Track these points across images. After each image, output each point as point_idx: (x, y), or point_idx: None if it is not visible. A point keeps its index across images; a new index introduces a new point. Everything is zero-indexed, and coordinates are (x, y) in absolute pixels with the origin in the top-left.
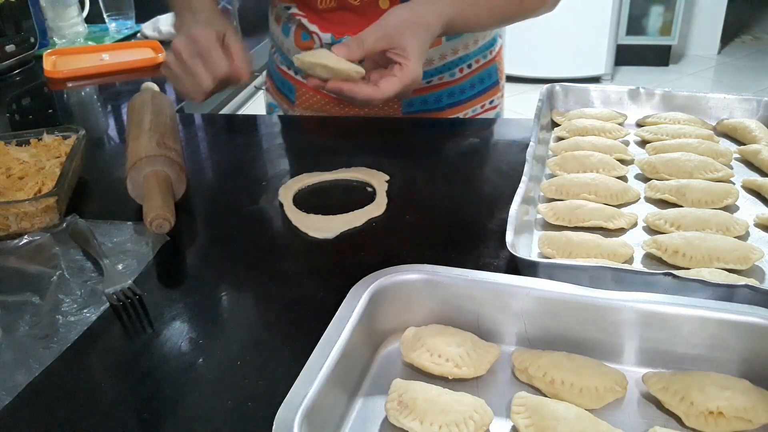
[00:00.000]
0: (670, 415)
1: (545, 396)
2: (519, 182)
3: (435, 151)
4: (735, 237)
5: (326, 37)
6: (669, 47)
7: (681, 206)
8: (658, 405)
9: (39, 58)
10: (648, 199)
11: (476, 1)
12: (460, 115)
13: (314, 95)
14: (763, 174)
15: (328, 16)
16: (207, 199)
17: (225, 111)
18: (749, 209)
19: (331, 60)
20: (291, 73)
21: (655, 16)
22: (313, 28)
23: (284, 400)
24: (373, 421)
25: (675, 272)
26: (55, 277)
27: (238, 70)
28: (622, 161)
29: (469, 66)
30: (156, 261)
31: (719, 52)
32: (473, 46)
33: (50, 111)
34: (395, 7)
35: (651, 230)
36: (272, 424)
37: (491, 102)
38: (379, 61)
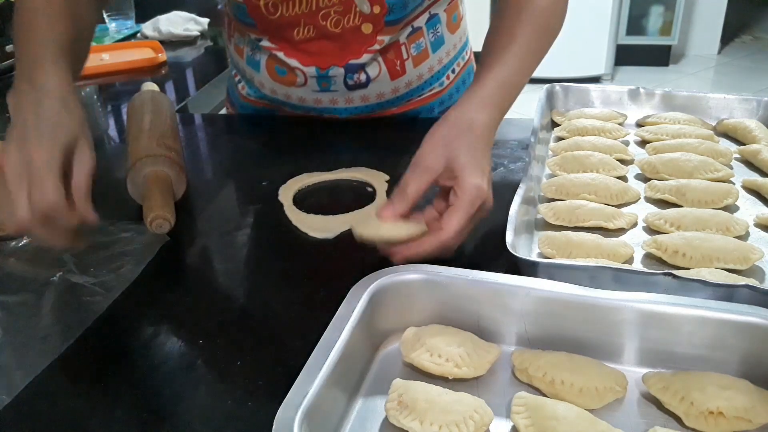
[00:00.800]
0: (670, 415)
1: (545, 396)
2: (519, 182)
3: None
4: (735, 237)
5: (310, 70)
6: (669, 47)
7: (681, 206)
8: (658, 405)
9: None
10: (648, 199)
11: (516, 59)
12: None
13: (301, 118)
14: (763, 174)
15: (306, 47)
16: (207, 199)
17: (225, 111)
18: (749, 209)
19: (391, 231)
20: (266, 101)
21: (655, 16)
22: (293, 63)
23: (284, 400)
24: (373, 421)
25: (675, 272)
26: (55, 277)
27: (77, 208)
28: (622, 161)
29: (453, 71)
30: (156, 261)
31: (719, 52)
32: (453, 52)
33: None
34: (432, 128)
35: (651, 230)
36: (272, 424)
37: None
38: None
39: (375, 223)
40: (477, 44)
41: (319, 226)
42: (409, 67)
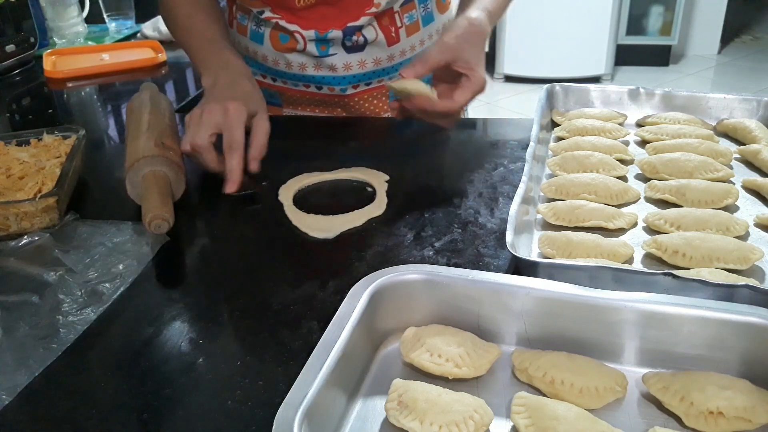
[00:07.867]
0: (670, 415)
1: (545, 396)
2: (519, 182)
3: (435, 150)
4: (735, 237)
5: (309, 34)
6: (669, 47)
7: (681, 206)
8: (658, 405)
9: (39, 58)
10: (648, 199)
11: None
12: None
13: (301, 97)
14: (763, 174)
15: (306, 14)
16: (207, 200)
17: None
18: (749, 209)
19: (413, 86)
20: (269, 81)
21: (655, 16)
22: (293, 27)
23: (284, 400)
24: (373, 421)
25: (675, 272)
26: (55, 277)
27: (252, 155)
28: (622, 161)
29: None
30: (156, 261)
31: (719, 52)
32: (441, 30)
33: (50, 111)
34: (454, 20)
35: (651, 230)
36: (272, 424)
37: None
38: (444, 77)
39: (407, 82)
40: None
41: (319, 226)
42: (403, 36)
